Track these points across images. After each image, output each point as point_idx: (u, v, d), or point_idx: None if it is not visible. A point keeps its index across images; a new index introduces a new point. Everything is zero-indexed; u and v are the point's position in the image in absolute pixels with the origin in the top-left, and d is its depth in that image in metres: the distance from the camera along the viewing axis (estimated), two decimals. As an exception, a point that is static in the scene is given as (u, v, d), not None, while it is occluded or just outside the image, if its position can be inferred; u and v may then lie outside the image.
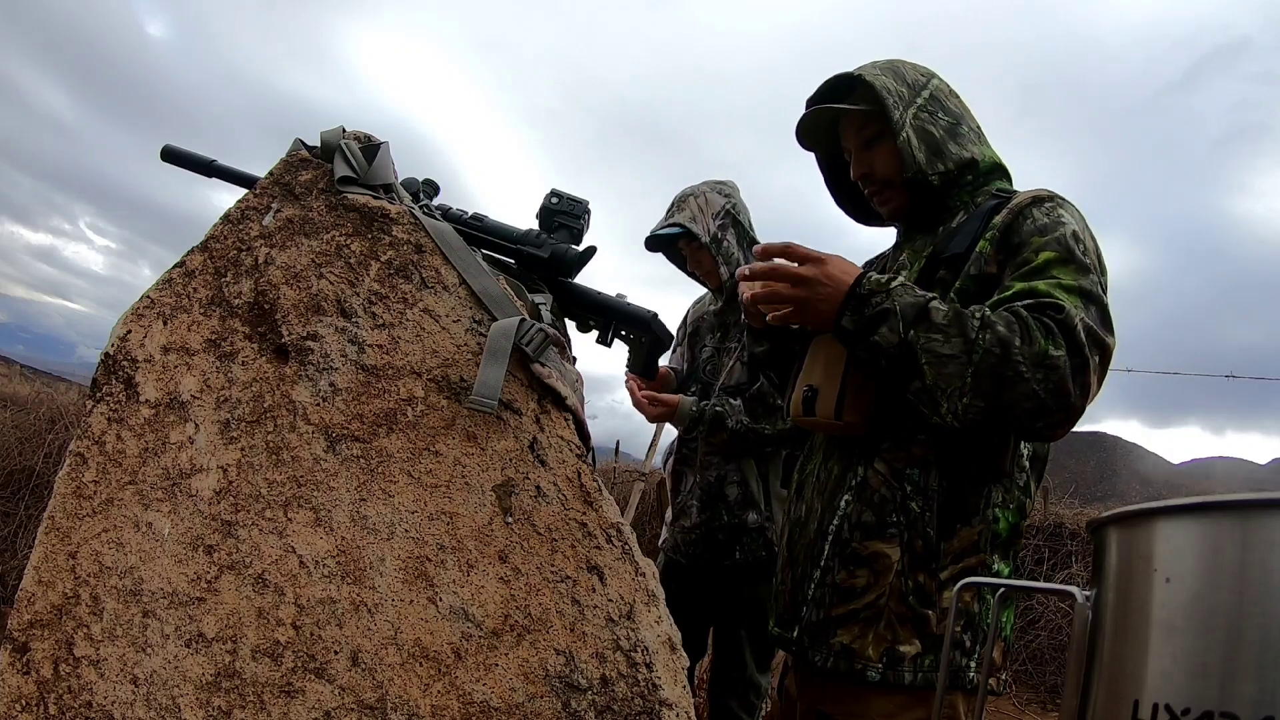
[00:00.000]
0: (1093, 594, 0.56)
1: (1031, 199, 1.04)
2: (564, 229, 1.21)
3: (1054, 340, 0.88)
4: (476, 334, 0.98)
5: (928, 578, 1.00)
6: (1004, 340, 0.89)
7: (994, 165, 1.15)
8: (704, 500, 1.81)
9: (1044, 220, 1.01)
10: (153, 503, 0.96)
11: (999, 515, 1.03)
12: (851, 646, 1.03)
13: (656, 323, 1.33)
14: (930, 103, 1.13)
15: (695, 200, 1.85)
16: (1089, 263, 0.97)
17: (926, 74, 1.16)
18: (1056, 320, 0.90)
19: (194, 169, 1.31)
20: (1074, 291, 0.93)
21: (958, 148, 1.12)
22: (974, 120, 1.18)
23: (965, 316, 0.92)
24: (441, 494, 0.91)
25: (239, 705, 0.86)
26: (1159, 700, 0.45)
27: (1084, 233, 1.01)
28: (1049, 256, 0.97)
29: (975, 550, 1.01)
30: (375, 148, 1.10)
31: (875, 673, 1.00)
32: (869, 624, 1.02)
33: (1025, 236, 1.00)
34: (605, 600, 0.88)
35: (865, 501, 1.06)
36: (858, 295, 0.97)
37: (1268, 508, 0.44)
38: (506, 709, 0.83)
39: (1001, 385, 0.89)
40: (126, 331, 1.05)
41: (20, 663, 0.93)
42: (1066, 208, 1.03)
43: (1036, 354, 0.88)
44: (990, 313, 0.92)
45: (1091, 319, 0.92)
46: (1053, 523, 4.84)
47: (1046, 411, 0.89)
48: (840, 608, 1.05)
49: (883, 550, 1.03)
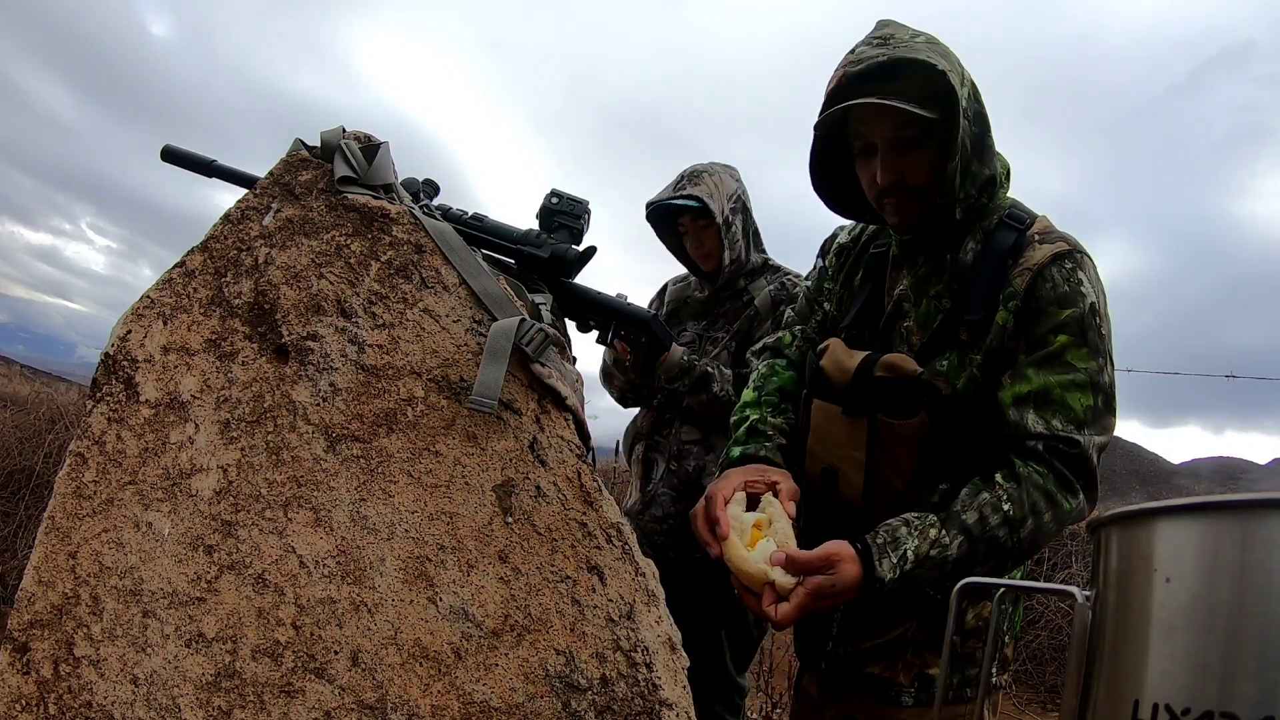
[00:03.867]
0: (1093, 594, 0.56)
1: (1052, 258, 0.98)
2: (564, 229, 1.21)
3: (1073, 491, 0.94)
4: (476, 334, 0.98)
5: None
6: (1035, 529, 0.93)
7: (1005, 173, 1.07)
8: (679, 490, 1.75)
9: (1064, 288, 0.97)
10: (153, 503, 0.96)
11: None
12: (883, 676, 1.05)
13: (656, 323, 1.33)
14: (972, 99, 0.98)
15: (710, 178, 1.76)
16: (1102, 343, 0.98)
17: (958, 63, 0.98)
18: (1073, 459, 0.94)
19: (194, 169, 1.31)
20: (1085, 387, 0.95)
21: (981, 165, 1.01)
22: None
23: (994, 539, 0.92)
24: (441, 494, 0.91)
25: (239, 705, 0.86)
26: (1159, 700, 0.45)
27: (1100, 300, 0.99)
28: (1064, 341, 0.96)
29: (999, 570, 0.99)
30: (375, 148, 1.10)
31: (909, 697, 1.04)
32: (898, 654, 1.05)
33: (1044, 305, 0.97)
34: (605, 600, 0.87)
35: None
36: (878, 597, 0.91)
37: (1268, 508, 0.44)
38: (506, 709, 0.83)
39: (1037, 548, 0.96)
40: (126, 331, 1.05)
41: (20, 663, 0.93)
42: (1085, 268, 0.99)
43: (1063, 515, 0.94)
44: (1009, 503, 0.92)
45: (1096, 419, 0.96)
46: (1053, 523, 4.84)
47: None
48: (868, 642, 1.07)
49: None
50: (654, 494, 1.80)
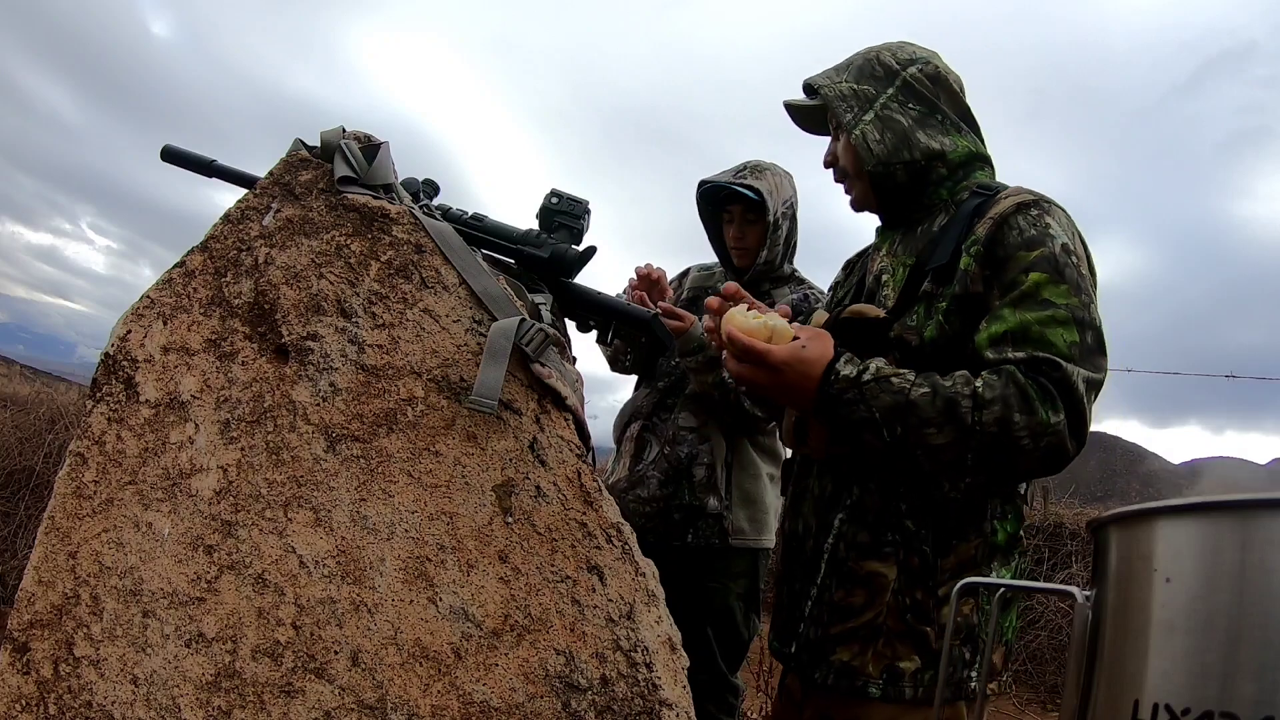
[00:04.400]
0: (1093, 594, 0.56)
1: (1015, 206, 0.98)
2: (564, 229, 1.21)
3: (1053, 406, 0.87)
4: (476, 334, 0.98)
5: (925, 594, 0.99)
6: (1002, 419, 0.87)
7: (970, 156, 1.10)
8: (667, 474, 1.74)
9: (1030, 231, 0.96)
10: (153, 503, 0.96)
11: (997, 527, 1.02)
12: (851, 664, 1.02)
13: (656, 323, 1.33)
14: (902, 91, 1.10)
15: (773, 177, 1.75)
16: (1080, 280, 0.94)
17: (908, 60, 1.12)
18: (1055, 380, 0.88)
19: (194, 169, 1.31)
20: (1068, 323, 0.91)
21: (926, 138, 1.09)
22: (958, 108, 1.12)
23: (955, 402, 0.88)
24: (441, 494, 0.91)
25: (239, 705, 0.86)
26: (1159, 700, 0.45)
27: (1074, 241, 0.98)
28: (1039, 279, 0.93)
29: (974, 564, 1.00)
30: (375, 148, 1.10)
31: (876, 689, 1.00)
32: (868, 642, 1.02)
33: (1011, 250, 0.95)
34: (605, 600, 0.88)
35: (860, 521, 1.05)
36: (829, 395, 0.93)
37: (1268, 508, 0.44)
38: (506, 709, 0.83)
39: (1002, 459, 0.89)
40: (126, 331, 1.05)
41: (20, 663, 0.93)
42: (1053, 213, 0.99)
43: (1037, 425, 0.87)
44: (982, 384, 0.89)
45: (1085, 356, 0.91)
46: (1053, 523, 4.84)
47: (1045, 471, 0.91)
48: (838, 626, 1.05)
49: (879, 570, 1.02)
50: (643, 474, 1.78)
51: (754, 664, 2.58)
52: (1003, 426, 0.87)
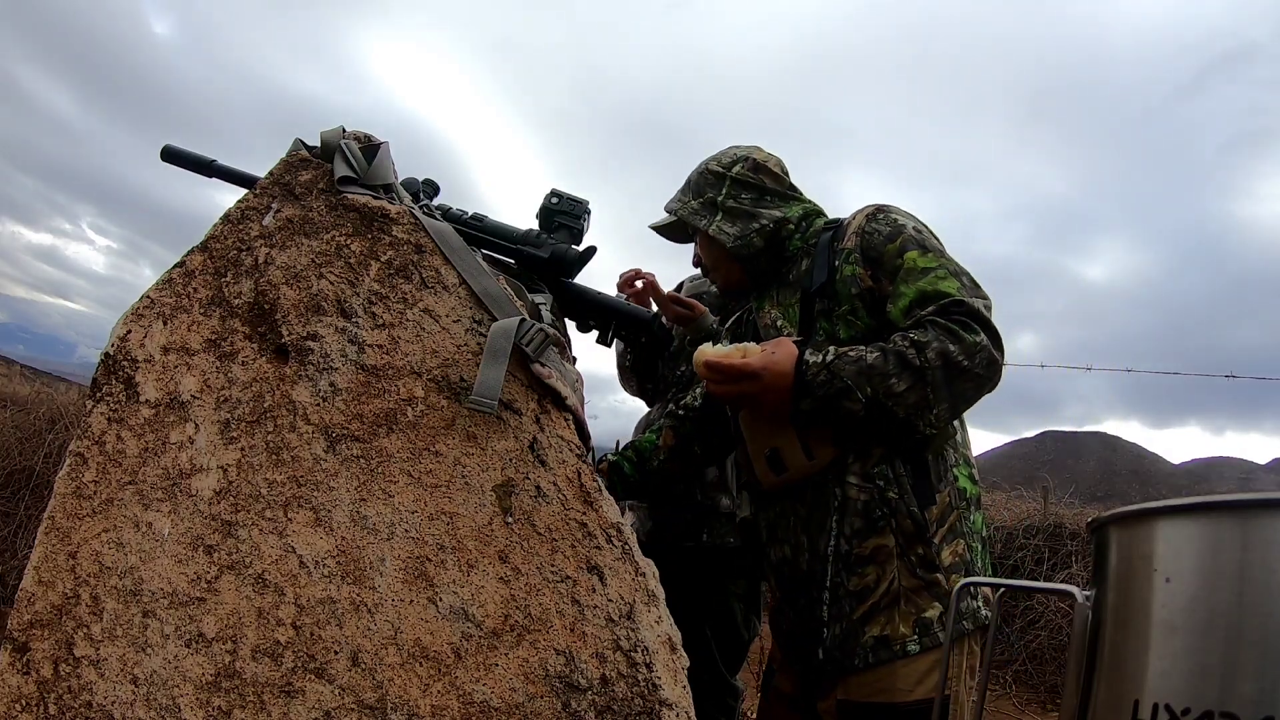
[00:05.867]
0: (1093, 594, 0.56)
1: (866, 217, 1.20)
2: (564, 229, 1.21)
3: (973, 330, 1.06)
4: (476, 334, 0.98)
5: (925, 546, 1.11)
6: (942, 352, 1.04)
7: (806, 212, 1.32)
8: None
9: (886, 229, 1.18)
10: (153, 503, 0.96)
11: (957, 474, 1.17)
12: (885, 634, 1.11)
13: (657, 322, 1.33)
14: (733, 187, 1.33)
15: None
16: (939, 245, 1.17)
17: (732, 161, 1.35)
18: (965, 312, 1.07)
19: (194, 169, 1.31)
20: (948, 275, 1.11)
21: (766, 212, 1.31)
22: (782, 185, 1.35)
23: (903, 353, 1.05)
24: (441, 494, 0.91)
25: (239, 705, 0.86)
26: (1159, 700, 0.45)
27: (917, 222, 1.19)
28: (913, 256, 1.14)
29: (953, 508, 1.14)
30: (375, 148, 1.10)
31: (915, 644, 1.09)
32: (891, 608, 1.11)
33: (880, 249, 1.16)
34: (605, 600, 0.88)
35: (852, 513, 1.14)
36: (805, 381, 1.08)
37: (1268, 508, 0.44)
38: (506, 709, 0.83)
39: (954, 384, 1.06)
40: (126, 331, 1.05)
41: (20, 663, 0.93)
42: (894, 210, 1.21)
43: (969, 346, 1.05)
44: (916, 335, 1.06)
45: (973, 291, 1.11)
46: (1053, 523, 4.83)
47: (988, 383, 1.09)
48: (861, 608, 1.13)
49: (879, 543, 1.13)
50: None
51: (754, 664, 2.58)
52: (944, 358, 1.04)
